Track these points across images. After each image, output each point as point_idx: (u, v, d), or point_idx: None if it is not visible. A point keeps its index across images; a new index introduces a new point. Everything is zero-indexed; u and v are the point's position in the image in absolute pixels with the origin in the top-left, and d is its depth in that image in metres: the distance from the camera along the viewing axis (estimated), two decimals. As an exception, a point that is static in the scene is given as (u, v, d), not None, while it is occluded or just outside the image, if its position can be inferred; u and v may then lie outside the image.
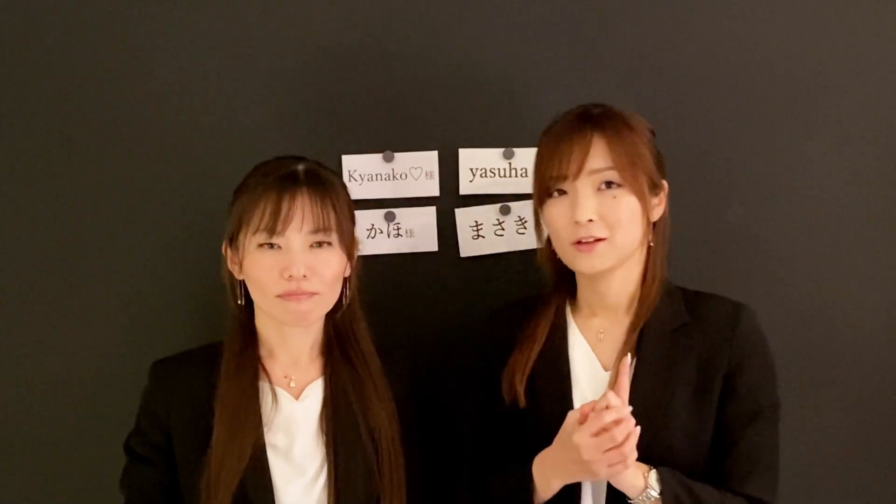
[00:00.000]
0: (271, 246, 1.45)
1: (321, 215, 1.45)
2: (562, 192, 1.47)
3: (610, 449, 1.33)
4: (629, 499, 1.41)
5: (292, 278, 1.43)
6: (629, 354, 1.43)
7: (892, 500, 1.84)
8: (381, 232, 1.80)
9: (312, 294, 1.46)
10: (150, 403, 1.51)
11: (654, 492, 1.39)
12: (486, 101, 1.79)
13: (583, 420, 1.36)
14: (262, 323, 1.54)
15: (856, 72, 1.80)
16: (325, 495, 1.47)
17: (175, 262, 1.78)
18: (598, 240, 1.44)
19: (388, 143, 1.79)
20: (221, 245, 1.54)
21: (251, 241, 1.46)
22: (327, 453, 1.48)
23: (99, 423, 1.76)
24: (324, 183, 1.48)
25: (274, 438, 1.48)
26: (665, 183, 1.52)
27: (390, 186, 1.79)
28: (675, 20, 1.79)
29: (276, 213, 1.43)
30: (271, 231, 1.43)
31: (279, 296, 1.45)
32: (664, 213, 1.52)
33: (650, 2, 1.79)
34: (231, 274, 1.52)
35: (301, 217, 1.44)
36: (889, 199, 1.81)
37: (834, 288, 1.82)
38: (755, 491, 1.45)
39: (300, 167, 1.48)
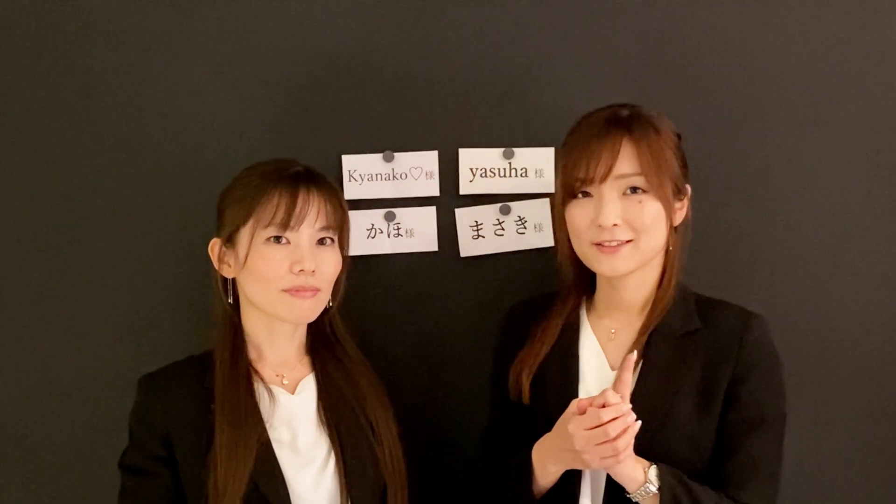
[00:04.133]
0: (278, 240, 1.47)
1: (332, 213, 1.50)
2: (586, 195, 1.48)
3: (603, 442, 1.34)
4: (628, 493, 1.41)
5: (302, 272, 1.45)
6: (635, 351, 1.43)
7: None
8: (381, 232, 1.80)
9: (316, 291, 1.48)
10: (144, 415, 1.48)
11: (653, 487, 1.39)
12: (486, 101, 1.79)
13: (581, 413, 1.37)
14: (251, 323, 1.54)
15: (857, 72, 1.80)
16: (337, 481, 1.47)
17: (174, 266, 1.77)
18: (623, 243, 1.44)
19: (388, 143, 1.79)
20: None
21: (259, 235, 1.47)
22: (332, 441, 1.49)
23: (97, 427, 1.76)
24: (329, 184, 1.53)
25: (277, 433, 1.48)
26: (688, 187, 1.52)
27: (390, 186, 1.79)
28: (676, 21, 1.80)
29: (291, 208, 1.45)
30: (285, 226, 1.45)
31: (285, 290, 1.46)
32: (686, 217, 1.53)
33: (650, 2, 1.80)
34: (220, 273, 1.53)
35: (316, 213, 1.48)
36: (890, 199, 1.80)
37: (834, 289, 1.81)
38: (751, 499, 1.44)
39: (302, 168, 1.51)
